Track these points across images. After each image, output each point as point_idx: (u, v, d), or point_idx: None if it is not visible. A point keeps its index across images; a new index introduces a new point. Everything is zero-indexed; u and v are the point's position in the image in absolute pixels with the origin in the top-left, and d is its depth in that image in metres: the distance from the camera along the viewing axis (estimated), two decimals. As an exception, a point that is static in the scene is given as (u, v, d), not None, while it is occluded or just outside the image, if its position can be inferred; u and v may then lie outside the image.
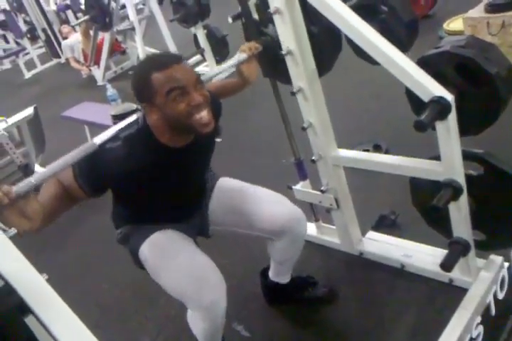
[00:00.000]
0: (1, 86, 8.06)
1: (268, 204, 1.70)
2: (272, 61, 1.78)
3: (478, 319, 1.62)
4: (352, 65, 3.84)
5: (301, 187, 2.12)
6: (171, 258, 1.52)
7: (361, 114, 3.22)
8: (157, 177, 1.44)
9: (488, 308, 1.68)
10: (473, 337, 1.60)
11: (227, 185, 1.78)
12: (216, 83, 1.81)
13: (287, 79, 1.78)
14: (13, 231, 1.25)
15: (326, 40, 1.73)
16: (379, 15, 1.65)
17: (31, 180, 1.16)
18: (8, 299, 0.66)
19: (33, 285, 0.75)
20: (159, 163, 1.42)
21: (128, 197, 1.56)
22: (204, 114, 1.33)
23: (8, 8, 8.52)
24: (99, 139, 1.31)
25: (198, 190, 1.71)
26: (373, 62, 1.51)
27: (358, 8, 1.52)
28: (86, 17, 5.57)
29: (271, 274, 1.97)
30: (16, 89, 7.50)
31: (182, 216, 1.68)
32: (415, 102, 1.55)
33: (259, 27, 1.81)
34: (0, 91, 7.43)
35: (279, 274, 1.95)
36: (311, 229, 2.29)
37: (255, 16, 1.79)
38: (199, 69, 5.19)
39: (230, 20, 1.84)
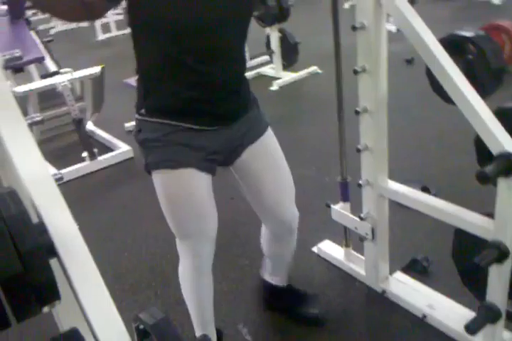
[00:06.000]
0: (74, 43, 8.24)
1: (285, 203, 1.69)
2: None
3: None
4: (418, 103, 3.74)
5: (340, 208, 2.03)
6: (180, 207, 1.51)
7: (416, 153, 3.08)
8: None
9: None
10: None
11: (269, 148, 1.61)
12: None
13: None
14: (58, 174, 1.26)
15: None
16: (467, 56, 1.57)
17: None
18: (39, 238, 0.66)
19: (66, 230, 0.74)
20: None
21: (146, 38, 1.43)
22: None
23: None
24: None
25: (231, 65, 1.42)
26: (448, 100, 1.44)
27: (447, 44, 1.45)
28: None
29: (266, 273, 1.96)
30: (87, 49, 7.58)
31: (212, 108, 1.42)
32: (482, 152, 1.46)
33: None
34: (73, 49, 7.57)
35: (273, 273, 1.93)
36: (339, 253, 2.22)
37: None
38: (264, 69, 5.17)
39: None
